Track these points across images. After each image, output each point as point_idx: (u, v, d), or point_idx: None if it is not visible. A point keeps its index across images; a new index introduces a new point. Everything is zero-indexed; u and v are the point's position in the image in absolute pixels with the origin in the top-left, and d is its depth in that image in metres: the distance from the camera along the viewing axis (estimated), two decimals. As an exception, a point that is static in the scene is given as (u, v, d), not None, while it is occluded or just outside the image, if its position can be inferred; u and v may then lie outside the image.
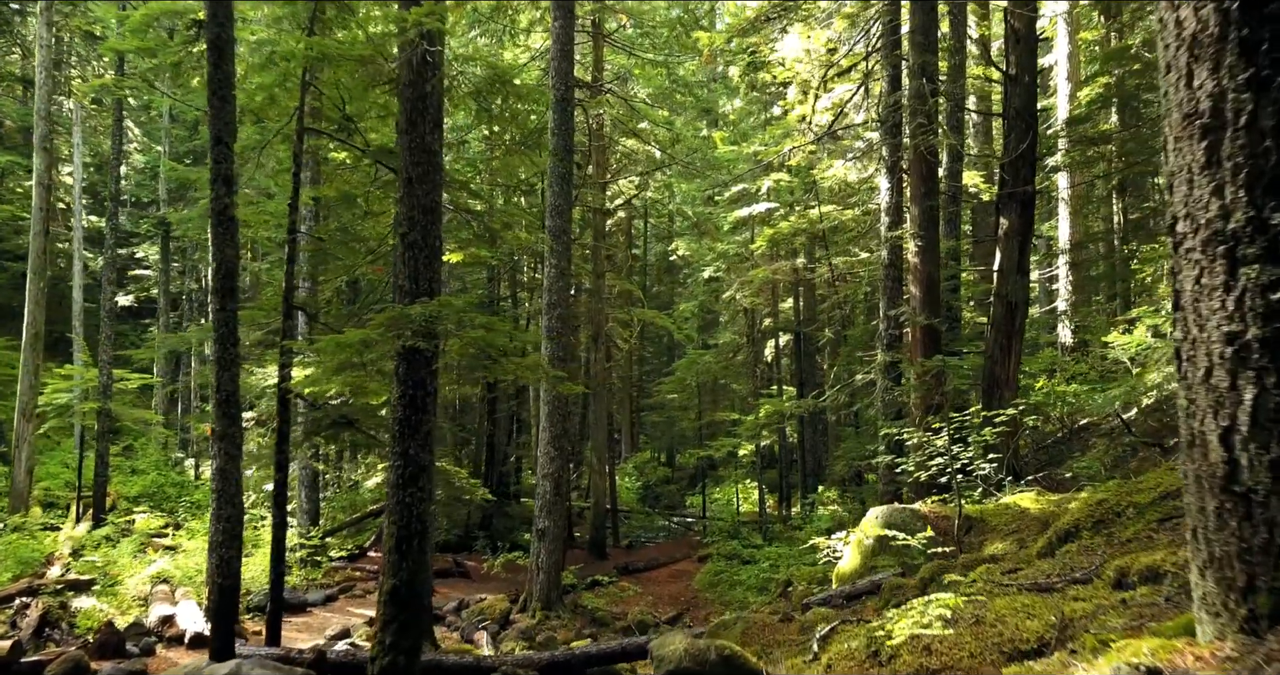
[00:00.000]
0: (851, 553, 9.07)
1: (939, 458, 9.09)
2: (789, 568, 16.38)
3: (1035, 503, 8.52)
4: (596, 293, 21.99)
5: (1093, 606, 3.39)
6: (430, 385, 7.14)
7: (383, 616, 6.79)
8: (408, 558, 6.89)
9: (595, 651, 8.39)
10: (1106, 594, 3.61)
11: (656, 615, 15.64)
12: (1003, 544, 7.63)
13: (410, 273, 7.15)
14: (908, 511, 8.67)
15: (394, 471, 7.05)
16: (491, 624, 13.65)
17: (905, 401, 13.05)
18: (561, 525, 14.73)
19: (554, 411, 14.66)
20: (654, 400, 32.49)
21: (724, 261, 26.47)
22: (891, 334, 13.36)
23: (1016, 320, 12.54)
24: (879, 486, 13.37)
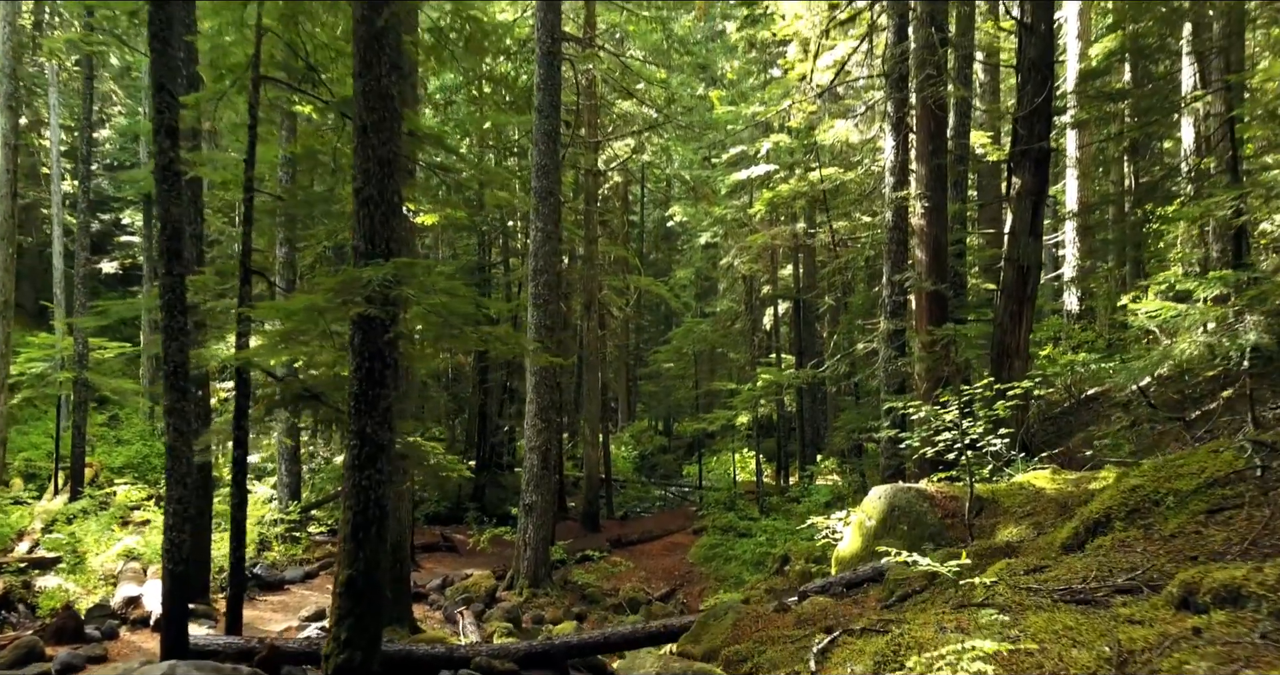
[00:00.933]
0: (852, 534, 8.46)
1: (946, 432, 8.45)
2: (786, 542, 15.85)
3: (1051, 482, 7.89)
4: (589, 259, 21.25)
5: (1156, 634, 2.76)
6: (389, 357, 6.47)
7: (337, 610, 6.18)
8: (365, 546, 6.26)
9: (576, 641, 7.81)
10: (1168, 615, 2.97)
11: (649, 591, 15.13)
12: (1017, 528, 7.01)
13: (366, 232, 6.44)
14: (913, 492, 8.05)
15: (350, 452, 6.40)
16: (476, 603, 13.12)
17: (909, 372, 12.40)
18: (549, 500, 14.16)
19: (541, 382, 14.01)
20: (650, 369, 31.87)
21: (721, 227, 25.69)
22: (895, 301, 12.66)
23: (1028, 286, 11.85)
24: (880, 459, 12.77)
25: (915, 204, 12.31)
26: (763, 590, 14.18)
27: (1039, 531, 6.67)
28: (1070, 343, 21.06)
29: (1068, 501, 7.19)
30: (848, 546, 8.41)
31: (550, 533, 14.32)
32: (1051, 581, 4.06)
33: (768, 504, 19.70)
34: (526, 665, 7.75)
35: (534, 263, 14.07)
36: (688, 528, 20.84)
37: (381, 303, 6.15)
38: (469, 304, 6.49)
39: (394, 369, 6.53)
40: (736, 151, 24.18)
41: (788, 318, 27.43)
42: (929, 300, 12.12)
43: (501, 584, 14.19)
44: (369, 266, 6.10)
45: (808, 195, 20.16)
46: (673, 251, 42.30)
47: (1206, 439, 8.30)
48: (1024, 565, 4.67)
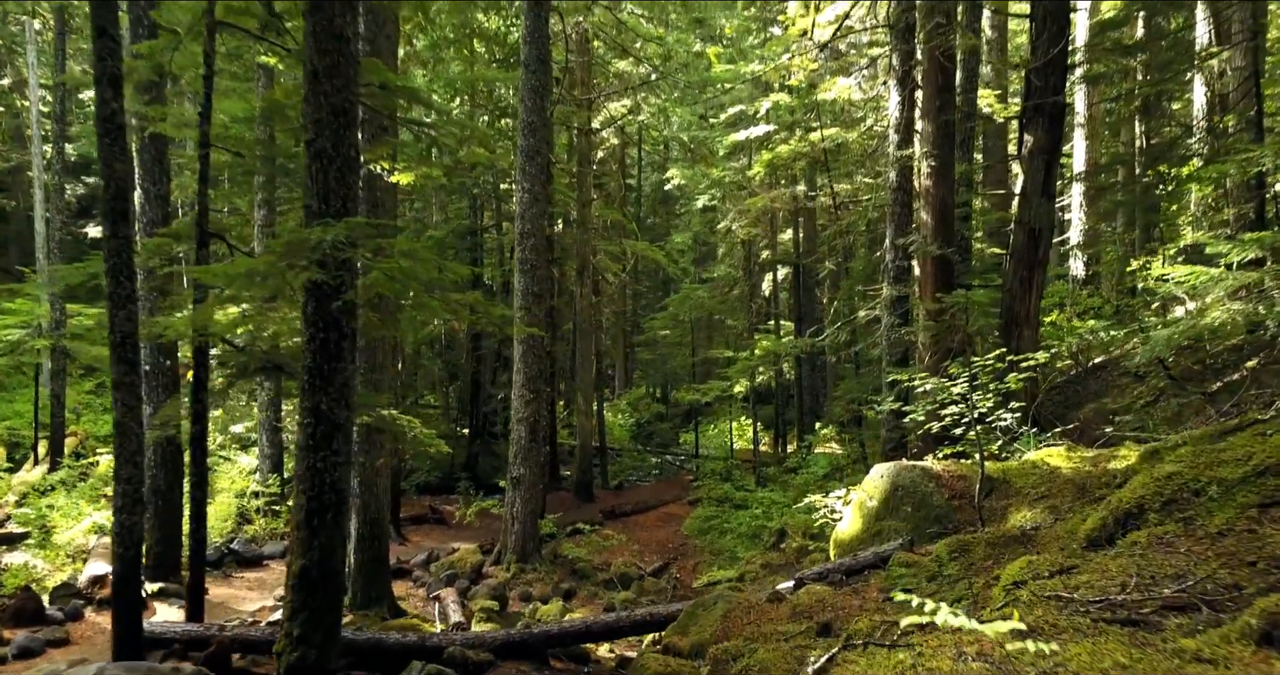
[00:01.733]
0: (852, 515, 7.94)
1: (953, 406, 7.90)
2: (782, 516, 15.41)
3: (1066, 460, 7.35)
4: (582, 223, 20.57)
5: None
6: (346, 327, 5.88)
7: (291, 604, 5.66)
8: (320, 534, 5.73)
9: (557, 631, 7.33)
10: (1247, 654, 2.43)
11: (641, 566, 14.70)
12: (1031, 512, 6.48)
13: (319, 190, 5.82)
14: (918, 471, 7.51)
15: (303, 431, 5.83)
16: (461, 579, 12.67)
17: (912, 340, 11.82)
18: (538, 473, 13.66)
19: (529, 351, 13.44)
20: (646, 337, 31.29)
21: (720, 190, 24.95)
22: (898, 266, 12.05)
23: (1040, 250, 11.23)
24: (882, 432, 12.24)
25: (921, 163, 11.65)
26: (758, 566, 13.76)
27: (1056, 517, 6.13)
28: (1076, 309, 20.50)
29: (1086, 483, 6.65)
30: (847, 528, 7.89)
31: (539, 506, 13.85)
32: (1085, 589, 3.51)
33: (764, 474, 19.24)
34: (504, 655, 7.28)
35: (521, 226, 13.43)
36: (683, 498, 20.41)
37: (335, 267, 5.55)
38: (431, 268, 5.89)
39: (351, 340, 5.95)
40: (735, 111, 23.37)
41: (787, 283, 26.80)
42: (934, 265, 11.51)
43: (489, 559, 13.75)
44: (319, 227, 5.49)
45: (808, 156, 19.43)
46: (671, 216, 41.52)
47: (1233, 414, 7.75)
48: (1048, 564, 4.12)
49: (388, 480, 10.64)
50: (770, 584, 12.04)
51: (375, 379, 10.35)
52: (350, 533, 10.58)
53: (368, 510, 10.38)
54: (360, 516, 10.39)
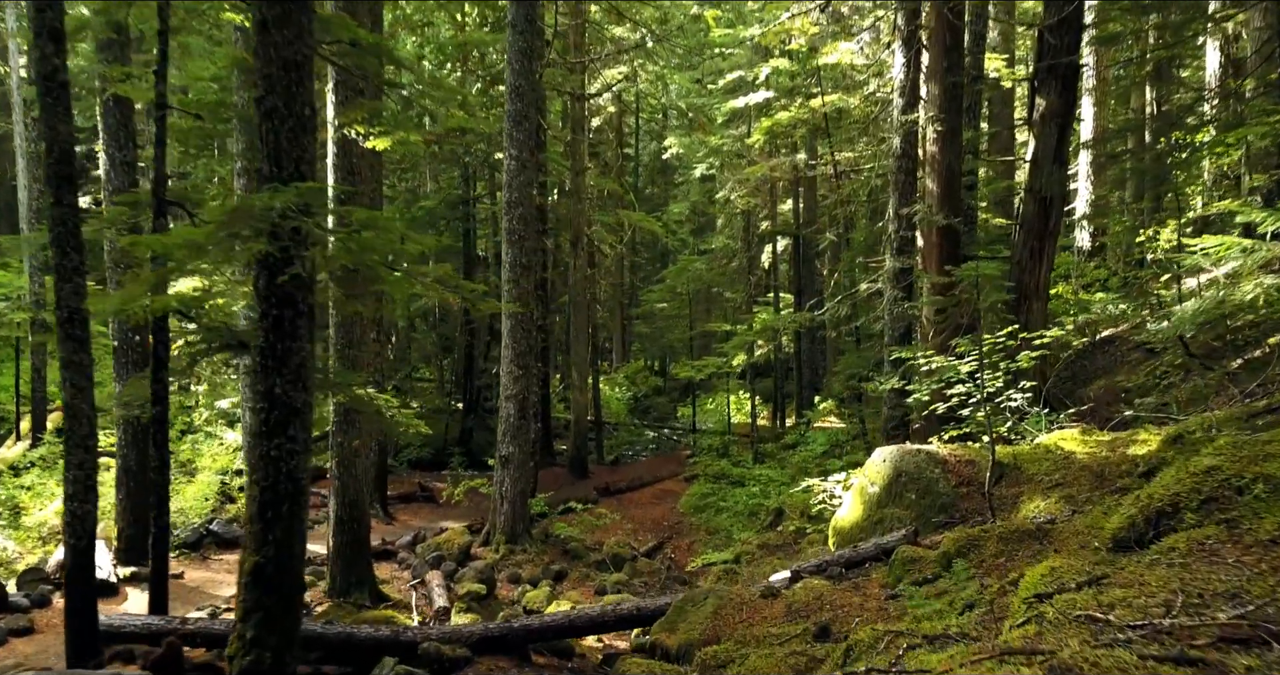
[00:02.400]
0: (853, 501, 7.50)
1: (959, 385, 7.43)
2: (780, 495, 15.01)
3: (1081, 444, 6.89)
4: (575, 192, 19.97)
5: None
6: (302, 303, 5.38)
7: (243, 603, 5.22)
8: (275, 527, 5.27)
9: (538, 625, 6.91)
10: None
11: (634, 546, 14.33)
12: (1045, 502, 6.02)
13: (271, 151, 5.29)
14: (923, 455, 7.05)
15: (256, 416, 5.36)
16: (448, 561, 12.27)
17: (916, 315, 11.33)
18: (527, 451, 13.23)
19: (517, 326, 12.94)
20: (643, 309, 30.75)
21: (718, 158, 24.31)
22: (902, 237, 11.52)
23: (1051, 219, 10.71)
24: (883, 410, 11.78)
25: (927, 128, 11.08)
26: (755, 546, 13.37)
27: (1073, 508, 5.67)
28: (1082, 281, 19.95)
29: (1104, 470, 6.20)
30: (848, 515, 7.45)
31: (529, 485, 13.43)
32: (1122, 609, 3.05)
33: (762, 451, 18.83)
34: (482, 650, 6.86)
35: (508, 195, 12.87)
36: (679, 474, 20.02)
37: (281, 238, 5.04)
38: (392, 239, 5.38)
39: (309, 317, 5.45)
40: (734, 77, 22.69)
41: (787, 255, 26.24)
42: (940, 236, 10.98)
43: (477, 539, 13.35)
44: (267, 192, 4.97)
45: (808, 123, 18.80)
46: (669, 186, 40.83)
47: (1259, 394, 7.28)
48: (1073, 572, 3.65)
49: (368, 460, 10.19)
50: (767, 568, 11.66)
51: (353, 355, 9.87)
52: (329, 515, 10.18)
53: (346, 491, 9.95)
54: (338, 498, 9.97)
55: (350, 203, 9.80)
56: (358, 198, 9.82)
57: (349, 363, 9.82)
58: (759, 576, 11.37)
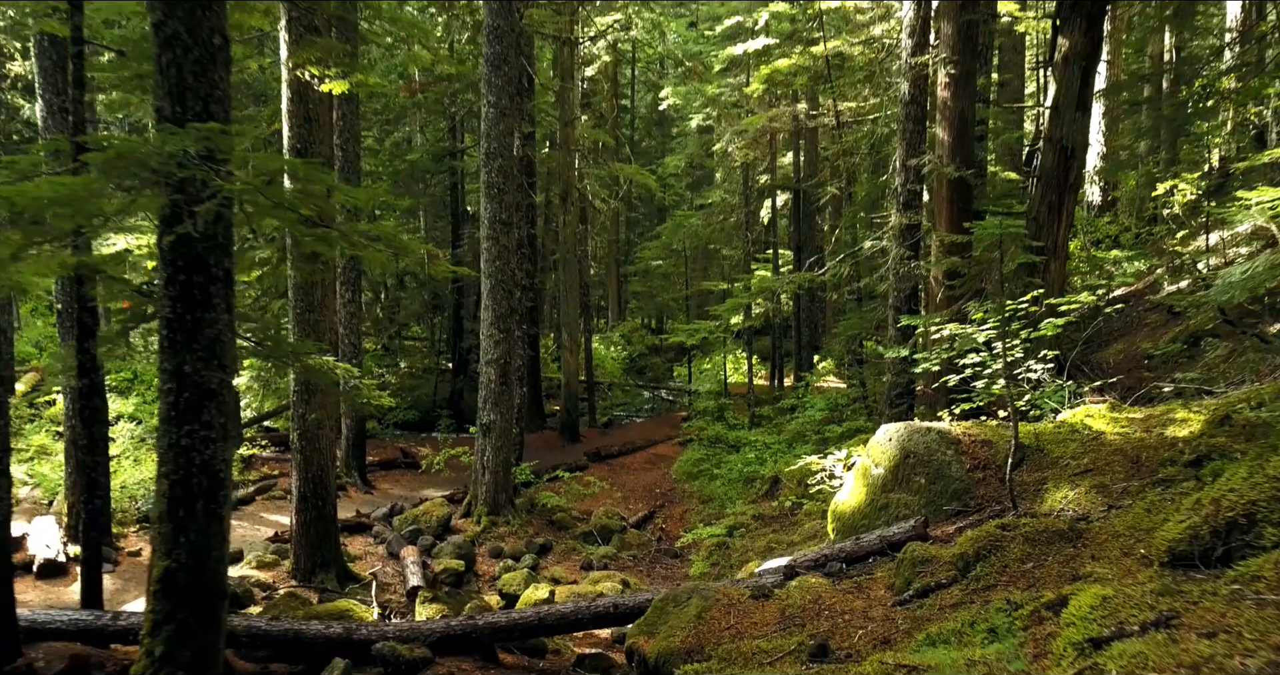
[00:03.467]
0: (855, 483, 6.79)
1: (973, 355, 6.69)
2: (776, 461, 14.37)
3: (1112, 423, 6.16)
4: (565, 144, 19.01)
5: None
6: (216, 267, 4.60)
7: (152, 615, 4.53)
8: (189, 528, 4.55)
9: (505, 622, 6.25)
10: None
11: (624, 516, 13.71)
12: (1073, 492, 5.31)
13: (172, 88, 4.47)
14: (934, 434, 6.32)
15: (163, 399, 4.61)
16: (426, 534, 11.64)
17: (923, 275, 10.55)
18: (510, 418, 12.53)
19: (498, 286, 12.15)
20: (638, 267, 29.87)
21: (715, 108, 23.24)
22: (909, 190, 10.66)
23: (1071, 172, 9.88)
24: (887, 375, 11.05)
25: (939, 71, 10.18)
26: (749, 517, 12.75)
27: (1109, 502, 4.95)
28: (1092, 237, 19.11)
29: (1140, 454, 5.47)
30: (849, 498, 6.75)
31: (511, 454, 12.77)
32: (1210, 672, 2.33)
33: (759, 414, 18.16)
34: (444, 649, 6.21)
35: (486, 145, 11.99)
36: (674, 437, 19.39)
37: (182, 189, 4.24)
38: (317, 194, 4.58)
39: (225, 283, 4.67)
40: (732, 23, 21.57)
41: (786, 210, 25.34)
42: (951, 189, 10.15)
43: (458, 510, 12.72)
44: (160, 136, 4.16)
45: (809, 71, 17.79)
46: (666, 139, 39.71)
47: (1309, 366, 6.53)
48: (1131, 604, 2.94)
49: (331, 433, 9.47)
50: (761, 543, 11.04)
51: (313, 320, 9.10)
52: (292, 492, 9.50)
53: (309, 466, 9.26)
54: (301, 473, 9.28)
55: (309, 154, 8.97)
56: (316, 148, 8.98)
57: (308, 328, 9.06)
58: (752, 553, 10.76)
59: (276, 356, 6.99)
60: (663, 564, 11.92)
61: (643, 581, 10.92)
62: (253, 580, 9.09)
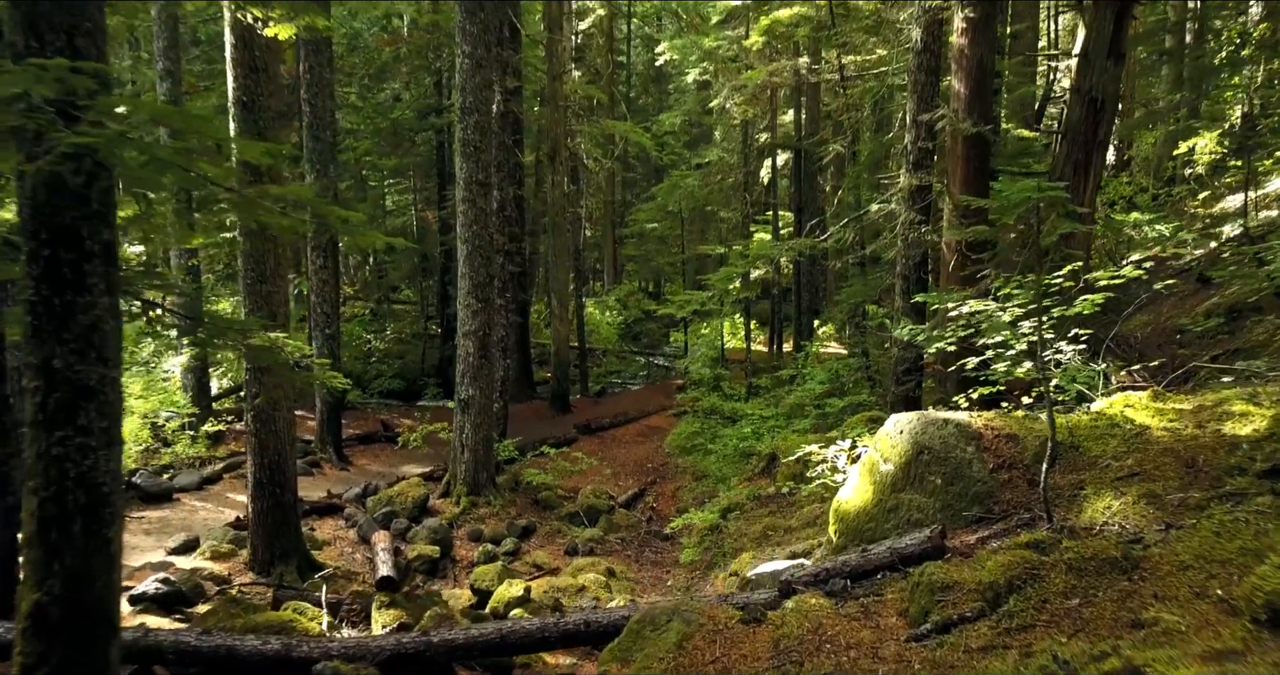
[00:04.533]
0: (860, 480, 6.03)
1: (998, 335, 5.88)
2: (774, 437, 13.64)
3: (1156, 415, 5.37)
4: (553, 99, 18.00)
5: None
6: (92, 240, 3.77)
7: (22, 658, 3.78)
8: (65, 553, 3.79)
9: (463, 639, 5.52)
10: None
11: (612, 494, 13.02)
12: (1117, 501, 4.54)
13: (23, 18, 3.62)
14: (951, 427, 5.54)
15: (30, 399, 3.82)
16: (401, 518, 10.95)
17: (935, 241, 9.70)
18: (491, 394, 11.77)
19: (475, 252, 11.31)
20: (630, 230, 28.91)
21: (712, 62, 22.14)
22: (920, 149, 9.77)
23: (1101, 127, 8.98)
24: (894, 350, 10.26)
25: (955, 14, 9.23)
26: (745, 497, 12.04)
27: (1165, 519, 4.18)
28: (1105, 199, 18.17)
29: (1194, 455, 4.71)
30: (854, 497, 5.99)
31: (492, 431, 12.03)
32: None
33: (756, 384, 17.41)
34: (394, 669, 5.49)
35: (461, 99, 11.07)
36: (668, 408, 18.67)
37: (36, 139, 3.40)
38: (211, 145, 3.74)
39: (104, 259, 3.85)
40: (731, -29, 20.44)
41: (787, 170, 24.35)
42: (967, 147, 9.25)
43: (437, 489, 12.02)
44: (7, 75, 3.31)
45: (812, 21, 16.74)
46: (664, 96, 38.51)
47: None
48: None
49: (290, 414, 8.71)
50: (757, 528, 10.33)
51: (265, 292, 8.28)
52: (248, 478, 8.77)
53: (265, 451, 8.51)
54: (256, 459, 8.53)
55: (256, 107, 8.09)
56: (264, 101, 8.08)
57: (260, 301, 8.25)
58: (747, 539, 10.06)
59: (210, 335, 6.18)
60: (652, 548, 11.24)
61: (630, 568, 10.25)
62: (205, 573, 8.39)
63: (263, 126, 8.10)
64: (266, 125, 8.13)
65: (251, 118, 8.04)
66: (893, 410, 10.28)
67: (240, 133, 8.08)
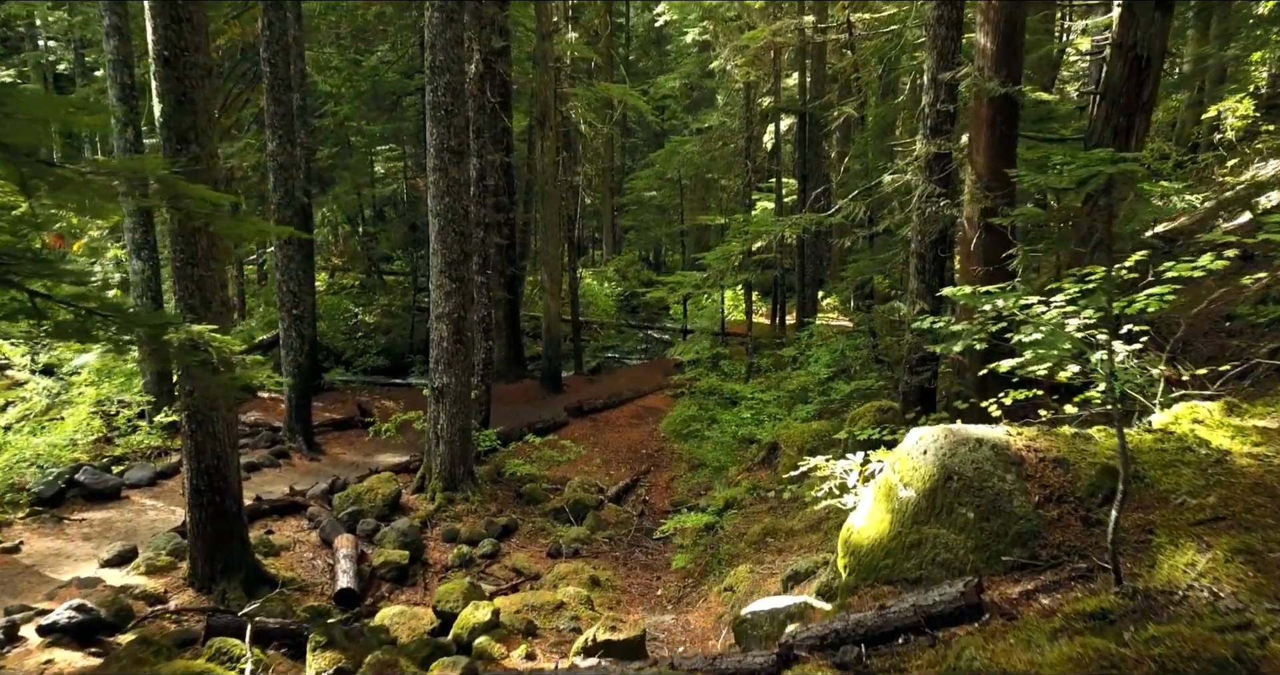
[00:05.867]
0: (875, 505, 5.09)
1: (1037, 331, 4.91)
2: (775, 422, 12.74)
3: (1234, 436, 4.43)
4: (542, 59, 16.86)
5: None
6: None
7: None
8: None
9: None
10: None
11: (602, 487, 12.16)
12: (1203, 558, 3.60)
13: None
14: (986, 449, 4.60)
15: None
16: (369, 517, 10.08)
17: (956, 216, 8.69)
18: (466, 382, 10.84)
19: (448, 226, 10.31)
20: (627, 198, 27.77)
21: (712, 22, 20.92)
22: (939, 112, 8.70)
23: (1146, 87, 7.93)
24: (906, 336, 9.28)
25: (983, -42, 8.13)
26: (743, 490, 11.18)
27: (1275, 588, 3.24)
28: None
29: (1297, 494, 3.75)
30: (869, 525, 5.07)
31: (471, 420, 11.11)
32: None
33: (757, 365, 16.46)
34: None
35: (431, 57, 10.01)
36: (665, 387, 17.79)
37: None
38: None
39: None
40: (732, -79, 19.15)
41: (790, 136, 23.21)
42: (993, 110, 8.19)
43: (412, 483, 11.14)
44: None
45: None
46: (664, 58, 37.13)
47: None
48: None
49: (229, 411, 7.78)
50: (756, 529, 9.44)
51: (198, 276, 7.31)
52: (185, 486, 7.86)
53: (202, 455, 7.60)
54: (193, 463, 7.63)
55: (179, 64, 7.07)
56: (190, 56, 7.05)
57: (191, 286, 7.28)
58: (744, 544, 9.18)
59: (112, 330, 5.25)
60: (643, 548, 10.38)
61: (617, 574, 9.40)
62: (138, 591, 7.52)
63: (188, 85, 7.08)
64: (193, 84, 7.11)
65: (174, 75, 7.02)
66: (905, 402, 9.34)
67: (162, 93, 7.07)
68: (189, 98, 7.13)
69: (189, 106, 7.15)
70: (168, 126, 7.15)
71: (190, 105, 7.16)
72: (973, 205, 8.26)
